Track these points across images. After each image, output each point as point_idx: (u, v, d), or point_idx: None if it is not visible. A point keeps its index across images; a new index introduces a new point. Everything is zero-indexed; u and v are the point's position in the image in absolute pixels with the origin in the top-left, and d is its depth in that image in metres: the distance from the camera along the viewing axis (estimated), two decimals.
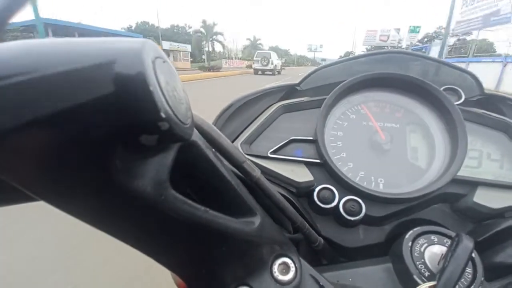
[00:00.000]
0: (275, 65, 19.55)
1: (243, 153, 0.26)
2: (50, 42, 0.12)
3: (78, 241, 1.51)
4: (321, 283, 0.26)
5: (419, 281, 0.27)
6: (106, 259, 1.40)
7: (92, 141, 0.12)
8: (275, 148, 0.42)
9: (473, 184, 0.37)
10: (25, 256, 1.42)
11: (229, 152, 0.25)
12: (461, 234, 0.25)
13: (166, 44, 30.43)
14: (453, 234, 0.30)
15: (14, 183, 0.13)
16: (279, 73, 20.58)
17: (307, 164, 0.41)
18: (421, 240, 0.30)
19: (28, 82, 0.10)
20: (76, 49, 0.12)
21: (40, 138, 0.11)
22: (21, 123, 0.11)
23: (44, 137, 0.11)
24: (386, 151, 0.41)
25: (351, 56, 0.51)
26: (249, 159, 0.26)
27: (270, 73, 19.13)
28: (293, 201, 0.37)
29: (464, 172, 0.37)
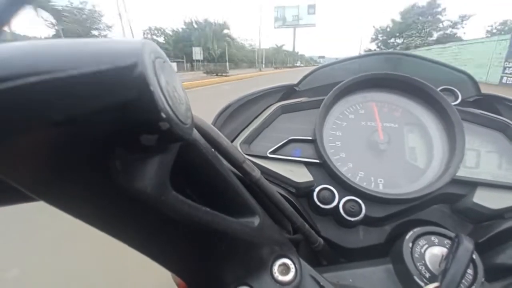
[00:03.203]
0: None
1: (243, 153, 0.26)
2: (49, 43, 0.12)
3: None
4: (321, 284, 0.26)
5: (420, 282, 0.27)
6: None
7: (92, 142, 0.12)
8: (274, 148, 0.42)
9: (473, 185, 0.37)
10: None
11: (229, 152, 0.24)
12: (461, 235, 0.25)
13: None
14: (453, 235, 0.30)
15: (14, 183, 0.13)
16: None
17: (307, 164, 0.41)
18: (422, 241, 0.30)
19: (26, 85, 0.10)
20: (76, 50, 0.12)
21: (40, 139, 0.11)
22: (21, 125, 0.11)
23: (44, 138, 0.11)
24: (385, 151, 0.41)
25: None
26: (248, 159, 0.26)
27: None
28: (293, 201, 0.37)
29: (463, 173, 0.37)
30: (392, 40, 35.90)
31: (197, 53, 27.58)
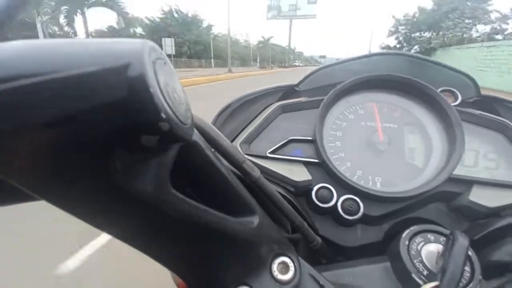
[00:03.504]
0: None
1: (243, 153, 0.26)
2: (48, 43, 0.12)
3: None
4: (321, 283, 0.26)
5: (418, 280, 0.27)
6: None
7: (93, 142, 0.12)
8: (274, 148, 0.42)
9: (469, 183, 0.38)
10: None
11: (228, 152, 0.25)
12: (455, 232, 0.25)
13: None
14: (448, 232, 0.30)
15: (14, 183, 0.13)
16: None
17: (306, 163, 0.41)
18: (418, 239, 0.30)
19: (28, 85, 0.10)
20: (76, 50, 0.12)
21: (41, 139, 0.11)
22: (22, 124, 0.11)
23: (45, 138, 0.11)
24: (384, 151, 0.41)
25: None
26: (248, 159, 0.27)
27: None
28: (292, 200, 0.37)
29: (460, 171, 0.38)
30: (418, 34, 26.02)
31: (168, 45, 19.73)
